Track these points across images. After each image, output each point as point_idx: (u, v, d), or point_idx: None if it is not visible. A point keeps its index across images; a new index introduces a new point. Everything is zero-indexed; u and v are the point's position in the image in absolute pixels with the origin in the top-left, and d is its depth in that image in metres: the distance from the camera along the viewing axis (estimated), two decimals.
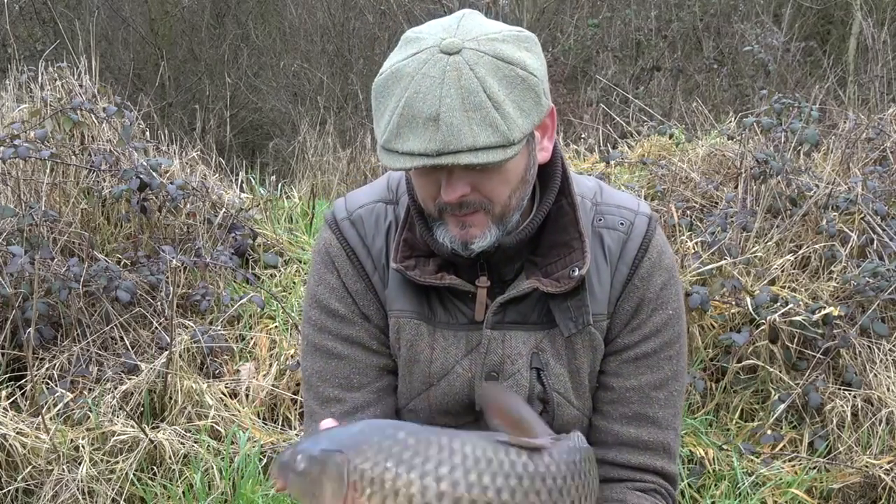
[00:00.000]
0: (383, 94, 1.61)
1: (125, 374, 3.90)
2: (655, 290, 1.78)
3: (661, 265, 1.79)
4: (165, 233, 4.69)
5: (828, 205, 4.65)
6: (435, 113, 1.53)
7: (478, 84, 1.55)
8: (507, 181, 1.64)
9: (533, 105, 1.59)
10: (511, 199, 1.66)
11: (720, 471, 3.75)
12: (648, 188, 5.30)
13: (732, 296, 4.20)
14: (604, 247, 1.78)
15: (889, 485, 3.64)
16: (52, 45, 7.82)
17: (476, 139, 1.54)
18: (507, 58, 1.58)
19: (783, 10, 10.18)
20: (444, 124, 1.53)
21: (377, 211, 1.84)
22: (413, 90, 1.56)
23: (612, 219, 1.79)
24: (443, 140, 1.53)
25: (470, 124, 1.53)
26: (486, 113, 1.54)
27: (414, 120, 1.55)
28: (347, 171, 7.72)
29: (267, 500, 3.52)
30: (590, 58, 10.75)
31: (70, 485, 3.45)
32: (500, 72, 1.56)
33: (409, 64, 1.58)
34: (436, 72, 1.56)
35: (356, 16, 12.08)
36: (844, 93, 7.07)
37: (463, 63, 1.56)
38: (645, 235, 1.78)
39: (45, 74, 5.02)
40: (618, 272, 1.77)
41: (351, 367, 1.82)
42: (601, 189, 1.85)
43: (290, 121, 10.83)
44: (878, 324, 4.06)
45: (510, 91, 1.56)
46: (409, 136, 1.55)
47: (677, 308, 1.81)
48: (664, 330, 1.79)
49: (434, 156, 1.54)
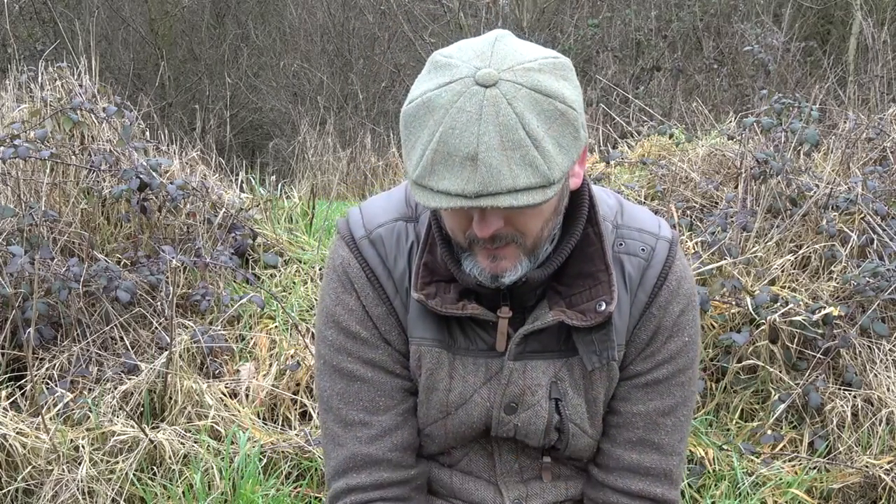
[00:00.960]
0: (415, 126, 1.52)
1: (125, 374, 3.90)
2: (672, 317, 1.75)
3: (680, 292, 1.75)
4: (165, 233, 4.69)
5: (828, 205, 4.65)
6: (473, 152, 1.46)
7: (517, 120, 1.47)
8: (542, 215, 1.59)
9: (572, 141, 1.52)
10: (543, 232, 1.62)
11: (720, 471, 3.75)
12: (648, 188, 5.30)
13: (732, 296, 4.20)
14: (624, 275, 1.73)
15: (889, 485, 3.64)
16: (52, 45, 7.82)
17: (516, 181, 1.46)
18: (545, 90, 1.50)
19: (783, 10, 10.18)
20: (482, 165, 1.46)
21: (398, 230, 1.76)
22: (448, 125, 1.48)
23: (633, 244, 1.75)
24: (482, 182, 1.46)
25: (510, 164, 1.46)
26: (526, 152, 1.47)
27: (450, 157, 1.47)
28: (347, 171, 7.73)
29: (267, 500, 3.52)
30: (590, 58, 10.75)
31: (70, 485, 3.45)
32: (538, 105, 1.49)
33: (443, 95, 1.50)
34: (472, 106, 1.48)
35: (356, 16, 12.08)
36: (844, 93, 7.06)
37: (500, 97, 1.48)
38: (665, 262, 1.74)
39: (45, 74, 5.02)
40: (636, 300, 1.74)
41: (375, 390, 1.77)
42: (622, 208, 1.80)
43: (290, 121, 10.83)
44: (878, 324, 4.06)
45: (549, 127, 1.49)
46: (446, 175, 1.48)
47: (693, 334, 1.78)
48: (678, 357, 1.77)
49: (473, 197, 1.47)
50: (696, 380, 1.82)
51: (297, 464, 3.70)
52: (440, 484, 1.84)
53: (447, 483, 1.83)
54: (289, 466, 3.70)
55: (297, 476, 3.70)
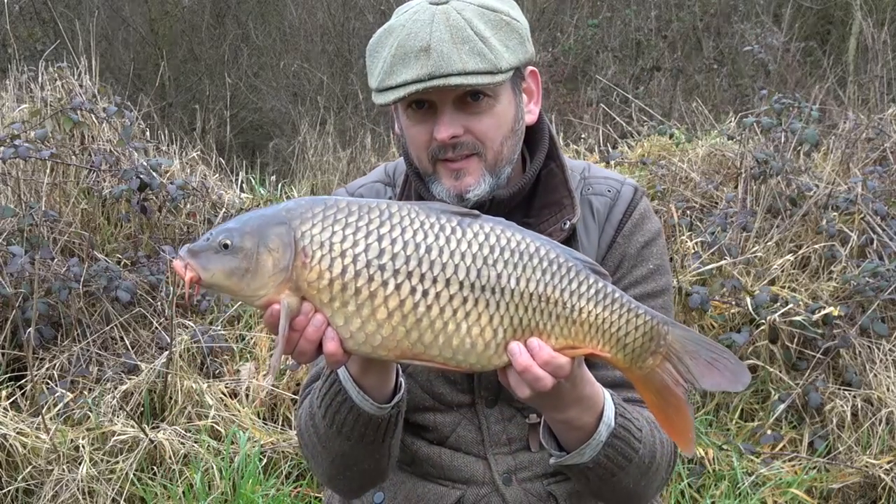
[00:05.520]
0: (377, 49, 1.72)
1: (125, 374, 3.90)
2: (636, 247, 1.84)
3: (644, 227, 1.85)
4: (165, 233, 4.69)
5: (828, 205, 4.65)
6: (425, 44, 1.64)
7: (465, 23, 1.67)
8: (499, 125, 1.72)
9: (518, 44, 1.71)
10: (503, 147, 1.74)
11: (720, 471, 3.75)
12: (648, 188, 5.29)
13: (732, 296, 4.20)
14: (592, 209, 1.84)
15: (889, 485, 3.64)
16: (52, 45, 7.81)
17: (465, 65, 1.64)
18: (491, 7, 1.71)
19: (783, 10, 10.17)
20: (434, 52, 1.64)
21: (376, 188, 1.93)
22: (405, 34, 1.67)
23: (599, 187, 1.88)
24: (434, 65, 1.63)
25: (459, 53, 1.64)
26: (475, 44, 1.65)
27: (406, 56, 1.65)
28: (347, 171, 7.72)
29: (267, 500, 3.52)
30: (590, 58, 10.75)
31: (70, 485, 3.45)
32: (485, 16, 1.69)
33: (400, 19, 1.71)
34: (425, 17, 1.68)
35: (356, 16, 12.08)
36: (844, 93, 7.06)
37: (451, 9, 1.69)
38: (631, 201, 1.86)
39: (45, 74, 5.02)
40: (604, 233, 1.84)
41: None
42: (589, 167, 1.94)
43: (290, 121, 10.82)
44: (878, 324, 4.06)
45: (496, 31, 1.69)
46: (402, 70, 1.65)
47: (659, 265, 1.85)
48: (644, 282, 1.83)
49: (426, 80, 1.63)
50: (669, 312, 1.86)
51: (297, 464, 3.70)
52: (430, 463, 1.85)
53: (437, 461, 1.84)
54: (289, 466, 3.70)
55: (297, 476, 3.70)
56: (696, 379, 1.55)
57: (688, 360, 1.54)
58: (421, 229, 1.45)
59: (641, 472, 1.71)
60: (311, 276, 1.42)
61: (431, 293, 1.44)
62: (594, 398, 1.63)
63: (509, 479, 1.82)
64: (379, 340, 1.45)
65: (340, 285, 1.42)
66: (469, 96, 1.69)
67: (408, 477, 1.88)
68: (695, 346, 1.55)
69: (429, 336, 1.45)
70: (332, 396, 1.67)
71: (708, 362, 1.54)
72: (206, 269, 1.41)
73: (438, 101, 1.70)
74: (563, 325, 1.50)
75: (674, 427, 1.58)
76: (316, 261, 1.42)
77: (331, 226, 1.43)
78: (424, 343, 1.45)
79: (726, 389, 1.60)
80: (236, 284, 1.42)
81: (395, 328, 1.44)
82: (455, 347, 1.46)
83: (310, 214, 1.44)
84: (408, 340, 1.45)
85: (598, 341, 1.52)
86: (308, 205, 1.45)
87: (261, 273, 1.41)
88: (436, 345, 1.46)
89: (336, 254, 1.42)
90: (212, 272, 1.41)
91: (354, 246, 1.43)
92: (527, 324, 1.48)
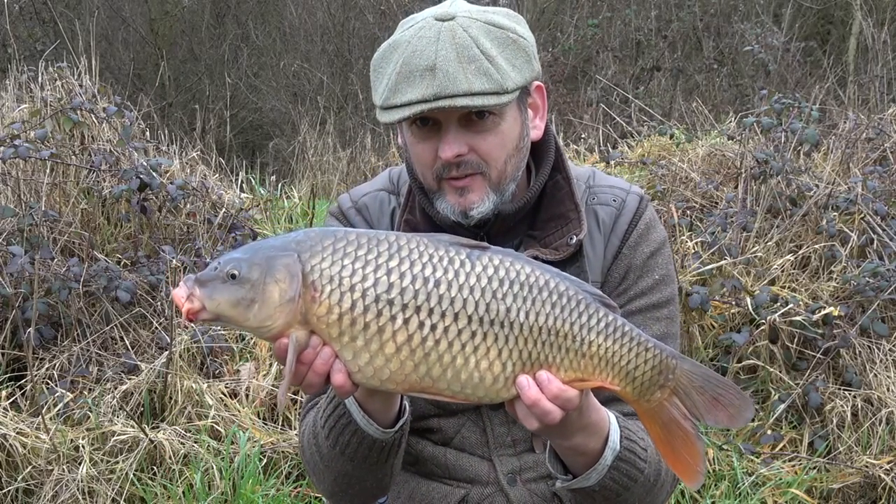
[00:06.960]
0: (382, 64, 1.69)
1: (125, 374, 3.90)
2: (642, 258, 1.83)
3: (650, 237, 1.84)
4: (165, 233, 4.69)
5: (828, 205, 4.65)
6: (431, 64, 1.62)
7: (471, 42, 1.64)
8: (503, 144, 1.70)
9: (524, 63, 1.68)
10: (507, 166, 1.72)
11: (720, 471, 3.75)
12: (648, 188, 5.30)
13: (732, 296, 4.20)
14: (598, 220, 1.83)
15: (889, 485, 3.64)
16: (52, 45, 7.82)
17: (471, 85, 1.62)
18: (497, 24, 1.69)
19: (783, 10, 10.18)
20: (440, 72, 1.62)
21: (381, 198, 1.90)
22: (410, 51, 1.65)
23: (604, 196, 1.86)
24: (440, 85, 1.61)
25: (465, 73, 1.62)
26: (480, 64, 1.63)
27: (411, 74, 1.63)
28: (347, 171, 7.73)
29: (267, 500, 3.52)
30: (590, 58, 10.75)
31: (70, 485, 3.45)
32: (492, 34, 1.67)
33: (405, 35, 1.68)
34: (431, 34, 1.65)
35: (356, 16, 12.08)
36: (844, 93, 7.06)
37: (457, 26, 1.66)
38: (636, 211, 1.85)
39: (45, 74, 5.02)
40: (610, 244, 1.83)
41: None
42: (594, 174, 1.92)
43: (290, 121, 10.82)
44: (878, 324, 4.06)
45: (502, 49, 1.66)
46: (407, 90, 1.63)
47: (665, 275, 1.85)
48: (650, 293, 1.83)
49: (432, 100, 1.61)
50: (675, 322, 1.86)
51: (297, 464, 3.70)
52: (434, 462, 1.85)
53: (441, 461, 1.85)
54: (289, 466, 3.70)
55: (297, 476, 3.70)
56: (702, 414, 1.55)
57: (695, 395, 1.55)
58: (430, 263, 1.45)
59: (647, 490, 1.72)
60: (320, 310, 1.43)
61: (440, 327, 1.44)
62: (600, 424, 1.63)
63: (514, 479, 1.82)
64: (387, 374, 1.45)
65: (350, 320, 1.43)
66: (474, 114, 1.68)
67: (411, 476, 1.88)
68: (702, 380, 1.55)
69: (437, 370, 1.45)
70: (336, 418, 1.68)
71: (713, 398, 1.55)
72: (211, 299, 1.41)
73: (443, 119, 1.69)
74: (572, 358, 1.50)
75: (679, 460, 1.58)
76: (325, 295, 1.42)
77: (340, 259, 1.43)
78: (433, 377, 1.46)
79: (728, 426, 1.60)
80: (242, 315, 1.41)
81: (403, 362, 1.44)
82: (463, 381, 1.47)
83: (319, 248, 1.44)
84: (416, 374, 1.45)
85: (607, 374, 1.52)
86: (318, 237, 1.45)
87: (267, 304, 1.40)
88: (444, 378, 1.46)
89: (345, 288, 1.42)
90: (217, 302, 1.41)
91: (364, 280, 1.43)
92: (536, 357, 1.48)
